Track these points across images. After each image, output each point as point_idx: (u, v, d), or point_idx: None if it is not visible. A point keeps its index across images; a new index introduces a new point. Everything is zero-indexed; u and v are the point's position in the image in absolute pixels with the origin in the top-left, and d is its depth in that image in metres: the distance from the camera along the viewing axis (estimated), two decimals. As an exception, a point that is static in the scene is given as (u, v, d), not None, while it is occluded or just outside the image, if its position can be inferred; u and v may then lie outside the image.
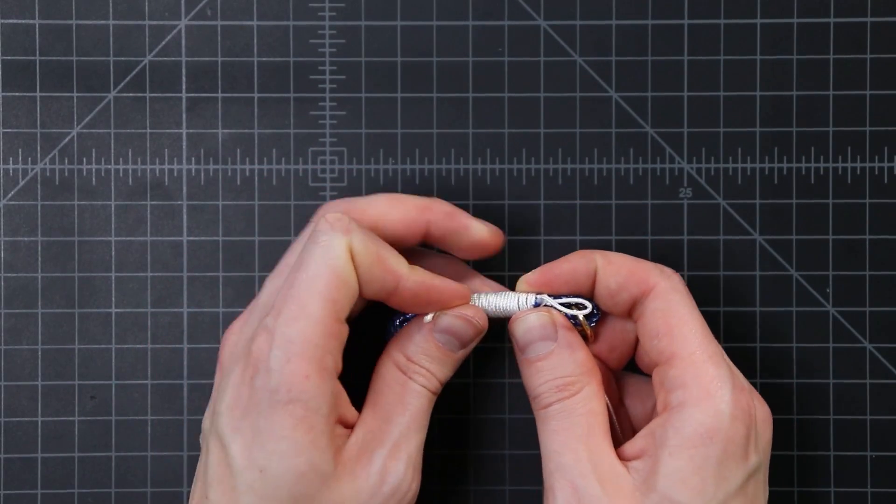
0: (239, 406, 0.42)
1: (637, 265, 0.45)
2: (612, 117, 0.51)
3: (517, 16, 0.51)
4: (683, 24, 0.51)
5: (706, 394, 0.43)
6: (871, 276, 0.51)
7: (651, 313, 0.45)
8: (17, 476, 0.51)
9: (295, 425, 0.41)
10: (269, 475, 0.41)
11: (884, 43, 0.51)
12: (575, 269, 0.45)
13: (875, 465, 0.51)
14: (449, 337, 0.45)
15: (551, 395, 0.44)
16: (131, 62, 0.51)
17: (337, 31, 0.52)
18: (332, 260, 0.42)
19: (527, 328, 0.45)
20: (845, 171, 0.51)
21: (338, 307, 0.42)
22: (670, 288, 0.45)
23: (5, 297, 0.51)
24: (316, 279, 0.42)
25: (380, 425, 0.43)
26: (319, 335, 0.41)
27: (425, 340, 0.44)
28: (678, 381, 0.43)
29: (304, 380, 0.41)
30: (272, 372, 0.41)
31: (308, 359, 0.41)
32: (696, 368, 0.43)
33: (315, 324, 0.41)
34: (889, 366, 0.51)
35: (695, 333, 0.44)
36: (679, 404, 0.43)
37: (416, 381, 0.44)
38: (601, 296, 0.46)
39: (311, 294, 0.42)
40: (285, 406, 0.41)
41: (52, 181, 0.51)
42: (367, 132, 0.52)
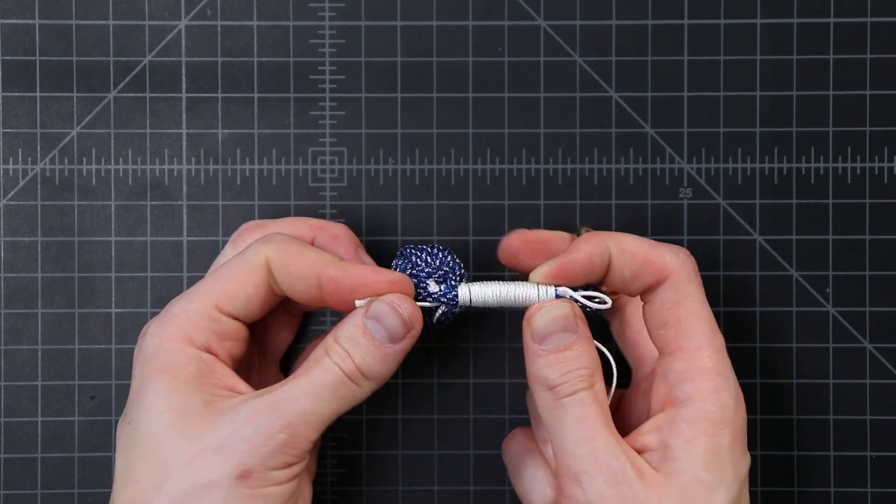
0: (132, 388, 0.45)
1: (652, 251, 0.45)
2: (612, 117, 0.51)
3: (517, 16, 0.51)
4: (683, 24, 0.51)
5: (713, 388, 0.44)
6: (871, 276, 0.51)
7: (662, 302, 0.45)
8: (17, 476, 0.51)
9: (156, 374, 0.43)
10: (133, 424, 0.43)
11: (884, 43, 0.51)
12: (590, 260, 0.45)
13: (875, 465, 0.51)
14: (377, 325, 0.44)
15: (575, 384, 0.44)
16: (131, 62, 0.51)
17: (337, 31, 0.51)
18: (240, 264, 0.45)
19: (550, 318, 0.44)
20: (845, 171, 0.51)
21: (222, 299, 0.44)
22: (685, 278, 0.45)
23: (5, 297, 0.51)
24: (218, 278, 0.45)
25: (286, 393, 0.43)
26: (195, 314, 0.44)
27: (354, 325, 0.44)
28: (685, 374, 0.44)
29: (169, 341, 0.44)
30: (146, 336, 0.44)
31: (178, 328, 0.44)
32: (704, 363, 0.44)
33: (197, 307, 0.44)
34: (889, 366, 0.51)
35: (703, 327, 0.44)
36: (687, 398, 0.44)
37: (331, 358, 0.44)
38: (614, 283, 0.45)
39: (206, 284, 0.45)
40: (150, 362, 0.44)
41: (52, 181, 0.51)
42: (367, 132, 0.52)
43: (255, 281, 0.45)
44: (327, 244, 0.47)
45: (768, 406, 0.51)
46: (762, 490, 0.51)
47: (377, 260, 0.50)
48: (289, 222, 0.48)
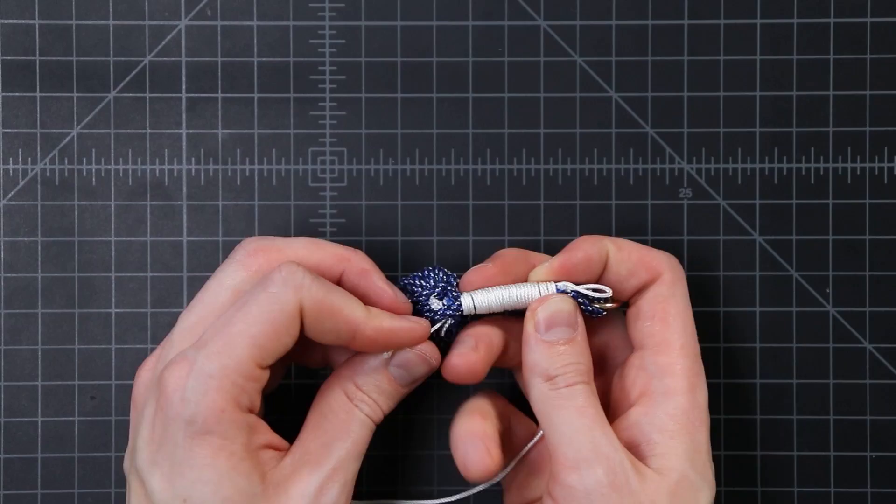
0: (155, 439, 0.42)
1: (646, 252, 0.47)
2: (612, 117, 0.51)
3: (517, 16, 0.51)
4: (683, 24, 0.51)
5: (691, 386, 0.45)
6: (871, 276, 0.51)
7: (654, 297, 0.46)
8: (17, 476, 0.51)
9: (214, 454, 0.41)
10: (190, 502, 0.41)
11: (884, 43, 0.51)
12: (590, 257, 0.46)
13: (875, 465, 0.51)
14: (402, 372, 0.45)
15: (575, 376, 0.44)
16: (131, 62, 0.51)
17: (337, 31, 0.52)
18: (275, 314, 0.42)
19: (554, 311, 0.45)
20: (845, 171, 0.51)
21: (264, 355, 0.42)
22: (676, 279, 0.47)
23: (5, 297, 0.51)
24: (251, 324, 0.42)
25: (319, 448, 0.43)
26: (238, 375, 0.42)
27: (379, 373, 0.45)
28: (668, 369, 0.45)
29: (220, 413, 0.41)
30: (187, 402, 0.41)
31: (224, 394, 0.41)
32: (685, 361, 0.46)
33: (237, 364, 0.42)
34: (889, 366, 0.51)
35: (685, 327, 0.46)
36: (667, 392, 0.45)
37: (362, 411, 0.44)
38: (609, 281, 0.47)
39: (242, 337, 0.42)
40: (202, 437, 0.41)
41: (52, 181, 0.51)
42: (367, 132, 0.52)
43: (292, 333, 0.43)
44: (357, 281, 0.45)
45: (768, 406, 0.51)
46: (762, 490, 0.51)
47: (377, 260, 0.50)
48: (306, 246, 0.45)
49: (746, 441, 0.51)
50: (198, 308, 0.45)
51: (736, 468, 0.51)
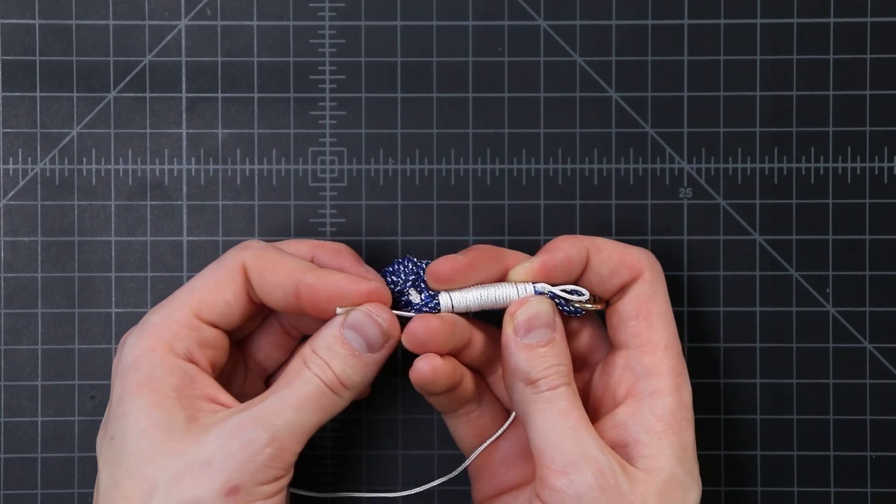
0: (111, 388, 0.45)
1: (626, 251, 0.46)
2: (612, 117, 0.51)
3: (517, 16, 0.51)
4: (683, 24, 0.51)
5: (677, 385, 0.45)
6: (871, 276, 0.51)
7: (635, 296, 0.46)
8: (17, 476, 0.51)
9: (138, 389, 0.43)
10: (117, 439, 0.43)
11: (884, 43, 0.51)
12: (569, 258, 0.45)
13: (875, 465, 0.51)
14: (355, 334, 0.44)
15: (557, 378, 0.44)
16: (131, 62, 0.51)
17: (337, 31, 0.51)
18: (218, 271, 0.45)
19: (533, 314, 0.45)
20: (845, 171, 0.51)
21: (202, 307, 0.44)
22: (656, 276, 0.46)
23: (5, 297, 0.51)
24: (196, 283, 0.45)
25: (268, 405, 0.43)
26: (174, 322, 0.44)
27: (332, 335, 0.44)
28: (653, 368, 0.45)
29: (150, 352, 0.44)
30: (126, 346, 0.44)
31: (156, 337, 0.44)
32: (671, 360, 0.45)
33: (173, 313, 0.44)
34: (889, 366, 0.51)
35: (669, 325, 0.46)
36: (654, 392, 0.45)
37: (311, 369, 0.44)
38: (591, 281, 0.46)
39: (185, 292, 0.45)
40: (130, 374, 0.43)
41: (52, 181, 0.51)
42: (367, 132, 0.52)
43: (233, 288, 0.45)
44: (329, 259, 0.46)
45: (768, 406, 0.51)
46: (762, 490, 0.51)
47: (378, 260, 0.50)
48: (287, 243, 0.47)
49: (746, 441, 0.51)
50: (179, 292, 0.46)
51: (736, 468, 0.51)
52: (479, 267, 0.46)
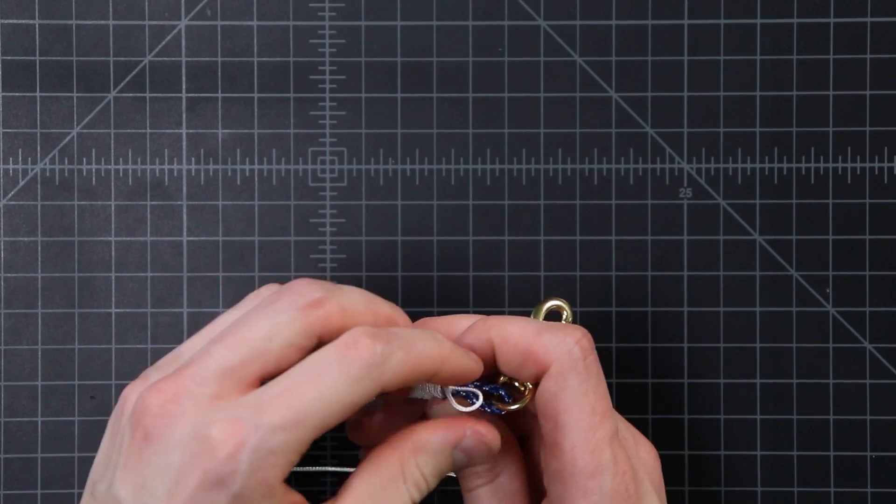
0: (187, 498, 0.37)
1: (534, 341, 0.42)
2: (612, 117, 0.51)
3: (517, 16, 0.51)
4: (683, 24, 0.51)
5: (584, 492, 0.41)
6: (871, 276, 0.51)
7: (543, 394, 0.42)
8: (17, 476, 0.51)
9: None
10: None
11: (884, 43, 0.51)
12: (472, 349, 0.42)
13: (875, 465, 0.51)
14: (463, 456, 0.42)
15: (472, 480, 0.43)
16: (131, 62, 0.51)
17: (337, 31, 0.52)
18: (353, 396, 0.39)
19: None
20: (845, 171, 0.51)
21: (324, 432, 0.39)
22: (567, 367, 0.41)
23: (5, 297, 0.51)
24: (325, 405, 0.38)
25: None
26: (297, 453, 0.38)
27: (442, 455, 0.41)
28: (558, 474, 0.41)
29: (268, 489, 0.38)
30: (238, 474, 0.37)
31: (279, 471, 0.38)
32: (574, 466, 0.41)
33: (299, 443, 0.38)
34: (889, 366, 0.51)
35: (580, 423, 0.41)
36: (558, 499, 0.41)
37: (411, 495, 0.41)
38: (504, 372, 0.43)
39: (314, 416, 0.38)
40: None
41: (52, 181, 0.51)
42: (367, 132, 0.52)
43: (357, 410, 0.39)
44: None
45: (768, 406, 0.51)
46: (762, 490, 0.51)
47: (378, 260, 0.50)
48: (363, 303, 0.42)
49: (746, 441, 0.51)
50: (242, 349, 0.39)
51: (736, 468, 0.51)
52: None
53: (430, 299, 0.51)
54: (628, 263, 0.51)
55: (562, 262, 0.51)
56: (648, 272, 0.51)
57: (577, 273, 0.51)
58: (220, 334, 0.40)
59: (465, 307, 0.51)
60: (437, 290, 0.51)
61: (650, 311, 0.51)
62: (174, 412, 0.38)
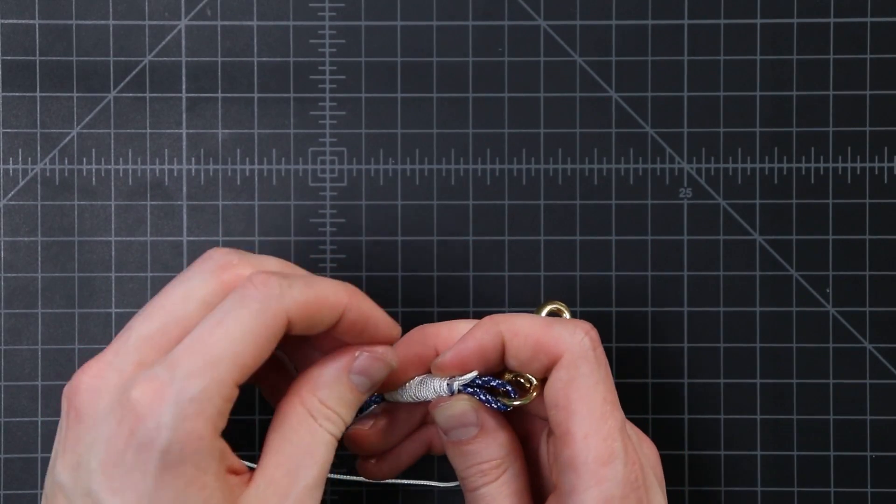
0: (120, 464, 0.38)
1: (545, 332, 0.43)
2: (612, 117, 0.51)
3: (517, 16, 0.51)
4: (683, 24, 0.51)
5: (595, 481, 0.41)
6: (871, 276, 0.51)
7: (554, 382, 0.42)
8: (17, 476, 0.51)
9: (187, 485, 0.38)
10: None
11: (884, 43, 0.51)
12: (482, 347, 0.43)
13: (875, 465, 0.51)
14: (363, 379, 0.42)
15: (478, 478, 0.43)
16: (131, 62, 0.51)
17: (337, 31, 0.52)
18: (260, 330, 0.39)
19: (447, 416, 0.44)
20: (845, 171, 0.51)
21: (245, 373, 0.39)
22: (579, 356, 0.42)
23: (5, 297, 0.51)
24: (234, 343, 0.39)
25: (283, 477, 0.40)
26: (220, 397, 0.38)
27: (341, 383, 0.41)
28: (570, 462, 0.42)
29: (198, 441, 0.38)
30: (164, 428, 0.38)
31: (204, 420, 0.38)
32: (588, 454, 0.41)
33: (219, 386, 0.38)
34: (889, 366, 0.51)
35: (592, 411, 0.42)
36: (571, 489, 0.42)
37: (327, 430, 0.41)
38: (512, 366, 0.44)
39: (225, 357, 0.39)
40: (177, 467, 0.38)
41: (52, 181, 0.51)
42: (367, 132, 0.52)
43: (274, 345, 0.40)
44: None
45: (768, 406, 0.51)
46: (762, 490, 0.51)
47: (378, 260, 0.50)
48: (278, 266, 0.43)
49: (746, 441, 0.51)
50: (160, 316, 0.40)
51: (736, 468, 0.51)
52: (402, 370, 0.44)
53: (430, 299, 0.51)
54: (628, 263, 0.51)
55: (562, 262, 0.51)
56: (648, 272, 0.51)
57: (577, 273, 0.51)
58: (141, 308, 0.41)
59: (465, 307, 0.51)
60: (437, 290, 0.51)
61: (650, 311, 0.51)
62: (99, 387, 0.39)
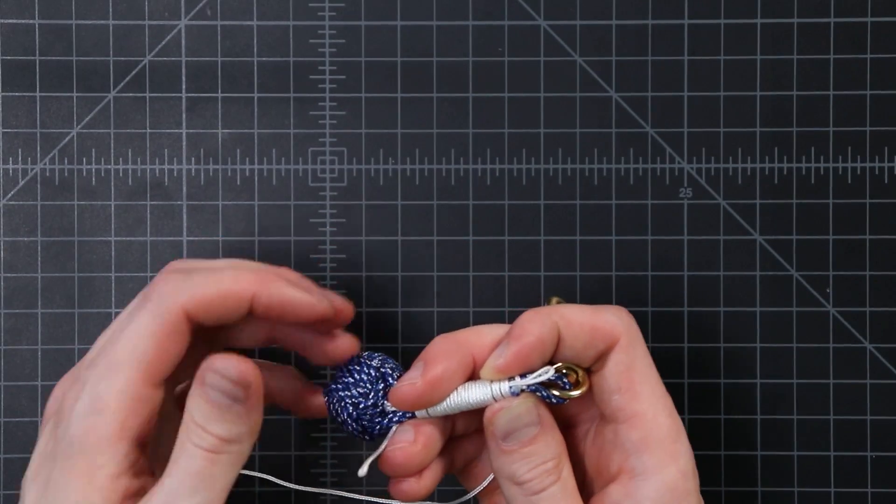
0: (42, 455, 0.42)
1: (596, 318, 0.43)
2: (612, 117, 0.51)
3: (517, 16, 0.51)
4: (683, 24, 0.51)
5: (671, 458, 0.42)
6: (871, 276, 0.51)
7: (614, 366, 0.43)
8: (17, 476, 0.51)
9: (79, 476, 0.40)
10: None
11: (884, 43, 0.51)
12: (542, 341, 0.42)
13: (875, 465, 0.51)
14: (216, 392, 0.41)
15: (544, 479, 0.42)
16: (131, 62, 0.51)
17: (337, 31, 0.52)
18: (158, 328, 0.41)
19: (511, 417, 0.43)
20: (845, 171, 0.51)
21: (153, 371, 0.41)
22: (634, 340, 0.43)
23: (5, 297, 0.51)
24: (136, 343, 0.41)
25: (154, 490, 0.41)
26: (125, 396, 0.41)
27: (198, 399, 0.41)
28: (643, 444, 0.42)
29: (97, 435, 0.40)
30: (72, 423, 0.41)
31: (108, 416, 0.40)
32: (660, 432, 0.42)
33: (124, 384, 0.41)
34: (889, 366, 0.51)
35: (654, 391, 0.43)
36: (645, 471, 0.42)
37: (190, 441, 0.41)
38: (565, 357, 0.43)
39: (126, 355, 0.41)
40: (76, 458, 0.40)
41: (52, 181, 0.51)
42: (367, 132, 0.52)
43: (180, 341, 0.42)
44: None
45: (768, 406, 0.51)
46: (762, 490, 0.51)
47: (378, 260, 0.50)
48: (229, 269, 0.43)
49: (746, 441, 0.51)
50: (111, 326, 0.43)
51: (736, 468, 0.51)
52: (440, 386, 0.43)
53: (431, 299, 0.51)
54: (628, 263, 0.51)
55: (562, 262, 0.51)
56: (648, 272, 0.51)
57: (577, 273, 0.51)
58: None
59: (466, 307, 0.51)
60: (437, 290, 0.51)
61: (650, 311, 0.51)
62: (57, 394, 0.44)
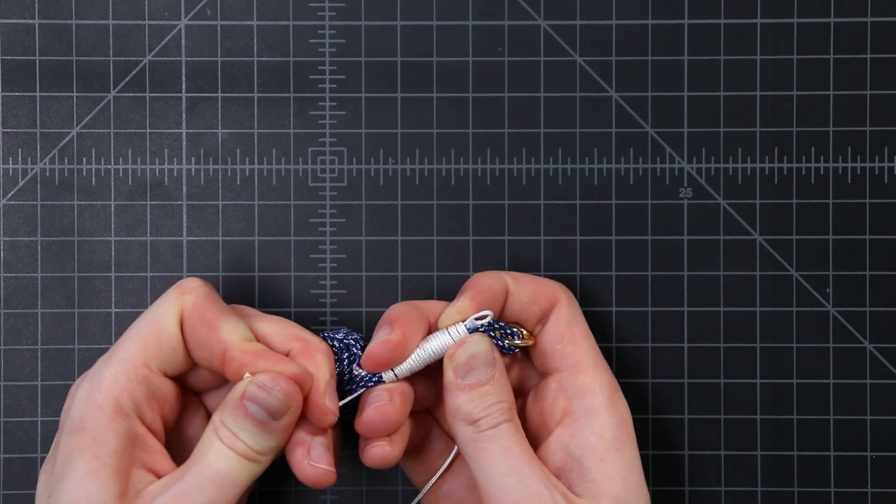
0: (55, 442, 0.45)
1: (541, 282, 0.47)
2: (612, 117, 0.51)
3: (517, 16, 0.51)
4: (683, 24, 0.51)
5: (612, 401, 0.46)
6: (871, 276, 0.51)
7: (556, 321, 0.47)
8: (17, 476, 0.51)
9: (79, 452, 0.42)
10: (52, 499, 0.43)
11: (884, 43, 0.51)
12: (493, 289, 0.46)
13: (875, 465, 0.51)
14: (256, 406, 0.43)
15: (497, 416, 0.44)
16: (131, 62, 0.51)
17: (337, 31, 0.52)
18: (157, 316, 0.44)
19: (471, 353, 0.45)
20: (845, 171, 0.51)
21: (149, 354, 0.44)
22: (573, 304, 0.47)
23: (5, 297, 0.51)
24: (138, 330, 0.44)
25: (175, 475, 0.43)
26: (123, 376, 0.44)
27: (235, 406, 0.43)
28: (586, 387, 0.46)
29: (97, 410, 0.43)
30: (74, 402, 0.44)
31: (105, 393, 0.43)
32: (601, 378, 0.46)
33: (121, 364, 0.44)
34: (889, 366, 0.51)
35: (593, 347, 0.47)
36: (589, 410, 0.45)
37: (223, 441, 0.43)
38: (513, 311, 0.47)
39: (128, 340, 0.44)
40: (75, 434, 0.43)
41: (52, 181, 0.51)
42: (367, 132, 0.52)
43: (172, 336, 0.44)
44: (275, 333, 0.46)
45: (768, 406, 0.51)
46: (762, 490, 0.51)
47: (378, 260, 0.50)
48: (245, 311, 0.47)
49: (746, 441, 0.51)
50: None
51: (736, 468, 0.51)
52: (410, 337, 0.45)
53: (430, 299, 0.51)
54: (628, 263, 0.51)
55: (562, 262, 0.51)
56: (648, 272, 0.51)
57: (577, 273, 0.51)
58: None
59: (465, 307, 0.51)
60: (437, 290, 0.51)
61: (650, 311, 0.51)
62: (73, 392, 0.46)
